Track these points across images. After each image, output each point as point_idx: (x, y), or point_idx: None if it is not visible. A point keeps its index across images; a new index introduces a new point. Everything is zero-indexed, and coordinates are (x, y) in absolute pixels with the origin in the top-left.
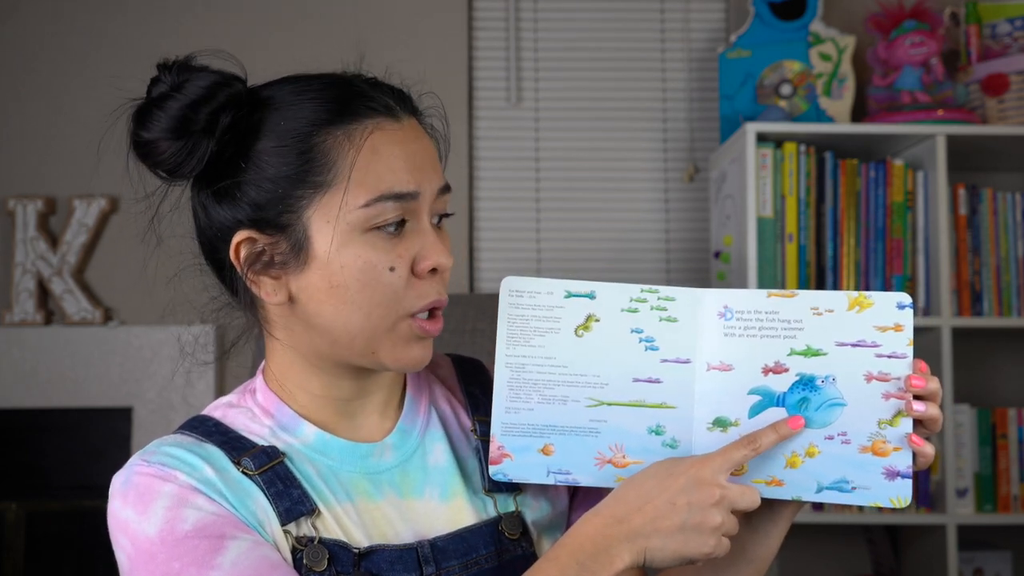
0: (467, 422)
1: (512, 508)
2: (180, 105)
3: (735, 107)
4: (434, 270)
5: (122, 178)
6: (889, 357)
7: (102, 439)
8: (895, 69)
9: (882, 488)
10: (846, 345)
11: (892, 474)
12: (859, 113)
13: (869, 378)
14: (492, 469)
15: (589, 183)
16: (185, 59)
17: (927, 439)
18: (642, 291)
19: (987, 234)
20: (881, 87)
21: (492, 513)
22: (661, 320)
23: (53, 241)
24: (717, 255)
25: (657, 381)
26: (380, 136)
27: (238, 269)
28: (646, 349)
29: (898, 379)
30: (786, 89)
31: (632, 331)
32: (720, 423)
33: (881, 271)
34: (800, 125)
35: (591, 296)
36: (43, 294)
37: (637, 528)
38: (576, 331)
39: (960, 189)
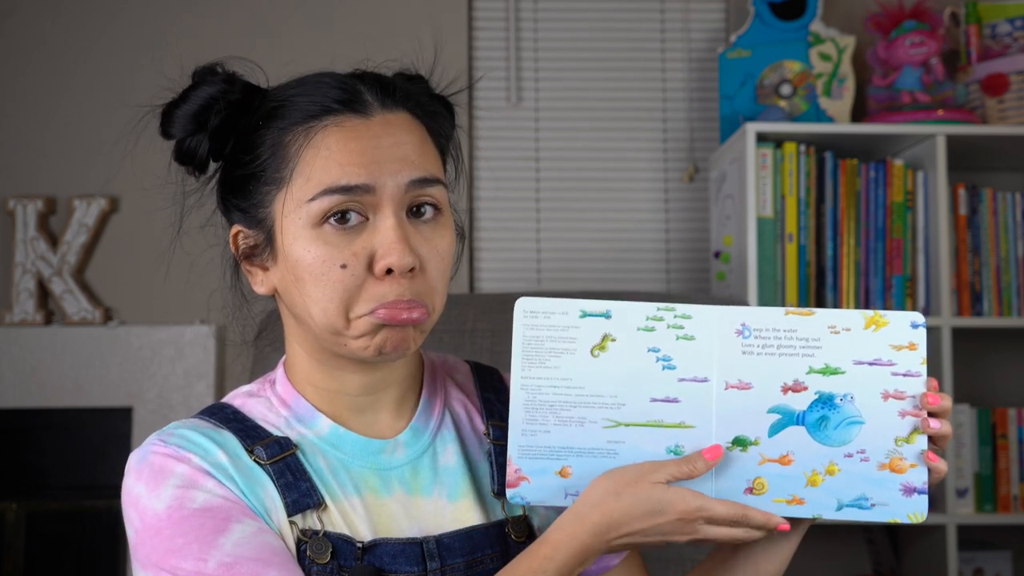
0: (481, 426)
1: (519, 512)
2: (186, 111)
3: (735, 107)
4: (391, 271)
5: (122, 178)
6: (904, 375)
7: (102, 439)
8: (895, 69)
9: (900, 504)
10: (863, 363)
11: (909, 490)
12: (859, 113)
13: (886, 396)
14: (509, 492)
15: (589, 183)
16: (208, 66)
17: (939, 455)
18: (658, 309)
19: (987, 234)
20: (881, 87)
21: (499, 516)
22: (678, 338)
23: (53, 241)
24: (717, 255)
25: (675, 400)
26: (335, 132)
27: (237, 260)
28: (663, 368)
29: (913, 397)
30: (786, 89)
31: (649, 350)
32: (740, 442)
33: (881, 271)
34: (800, 125)
35: (607, 315)
36: (43, 294)
37: (622, 544)
38: (592, 351)
39: (960, 189)
